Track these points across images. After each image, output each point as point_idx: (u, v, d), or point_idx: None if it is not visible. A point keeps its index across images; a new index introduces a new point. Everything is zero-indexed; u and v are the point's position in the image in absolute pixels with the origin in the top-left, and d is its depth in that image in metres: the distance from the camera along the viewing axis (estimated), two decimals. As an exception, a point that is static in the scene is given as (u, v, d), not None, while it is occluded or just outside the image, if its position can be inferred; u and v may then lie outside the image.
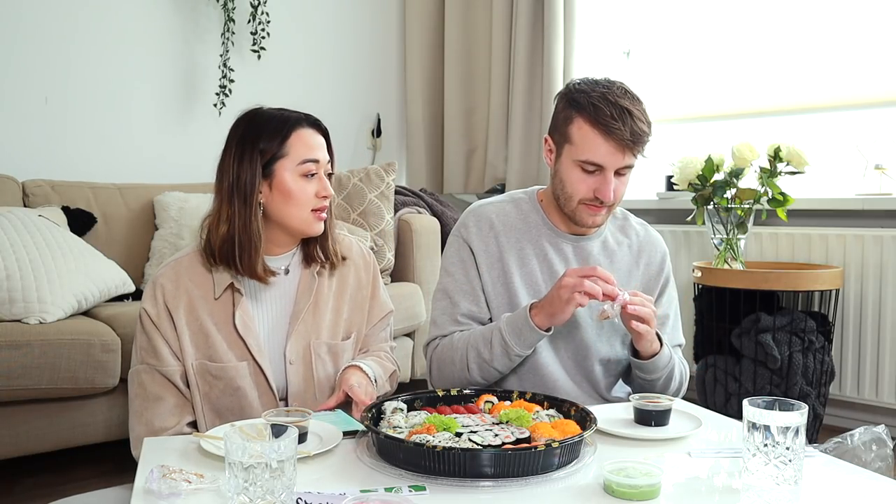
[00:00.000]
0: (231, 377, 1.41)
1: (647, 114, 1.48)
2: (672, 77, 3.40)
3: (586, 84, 1.49)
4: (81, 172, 2.98)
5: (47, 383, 2.12)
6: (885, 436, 1.98)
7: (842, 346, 2.72)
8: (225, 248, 1.40)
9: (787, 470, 0.99)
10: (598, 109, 1.43)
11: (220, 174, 1.42)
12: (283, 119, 1.43)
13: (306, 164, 1.41)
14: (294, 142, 1.41)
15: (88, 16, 3.09)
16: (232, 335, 1.42)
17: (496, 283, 1.58)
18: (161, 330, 1.40)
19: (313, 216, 1.43)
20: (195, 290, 1.42)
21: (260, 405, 1.42)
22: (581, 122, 1.46)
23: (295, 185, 1.41)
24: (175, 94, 3.33)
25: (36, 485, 2.24)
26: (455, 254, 1.61)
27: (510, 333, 1.47)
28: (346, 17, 3.84)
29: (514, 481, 1.04)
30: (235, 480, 0.91)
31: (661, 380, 1.54)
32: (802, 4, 2.95)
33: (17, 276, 2.20)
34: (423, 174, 3.91)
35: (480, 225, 1.60)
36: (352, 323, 1.55)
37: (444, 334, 1.58)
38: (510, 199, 1.65)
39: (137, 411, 1.40)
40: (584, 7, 3.40)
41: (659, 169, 3.32)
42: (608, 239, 1.63)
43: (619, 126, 1.42)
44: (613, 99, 1.44)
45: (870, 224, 2.70)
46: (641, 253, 1.64)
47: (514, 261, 1.57)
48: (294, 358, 1.46)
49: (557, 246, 1.59)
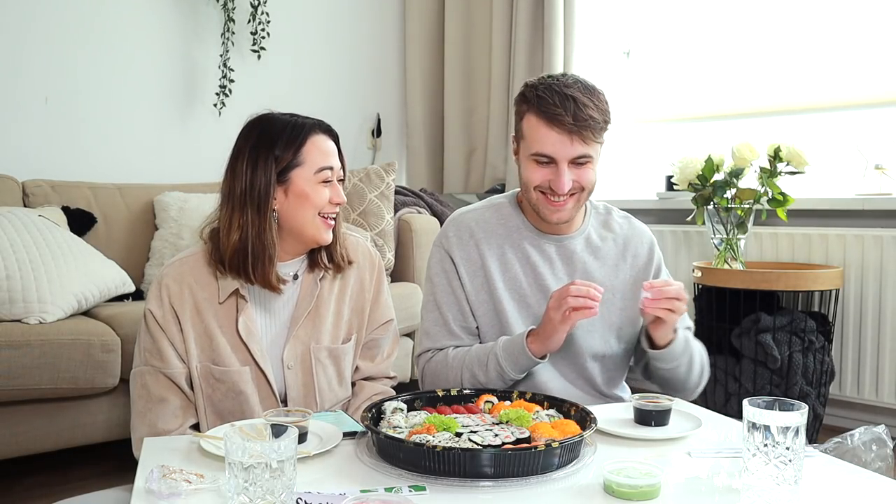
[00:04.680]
0: (234, 381, 1.40)
1: (603, 103, 1.46)
2: (672, 77, 3.40)
3: (538, 80, 1.50)
4: (81, 172, 2.98)
5: (47, 383, 2.12)
6: (885, 436, 1.98)
7: (842, 346, 2.72)
8: (237, 257, 1.37)
9: (787, 470, 0.99)
10: (541, 100, 1.44)
11: (232, 181, 1.39)
12: (298, 126, 1.40)
13: (323, 172, 1.40)
14: (310, 149, 1.39)
15: (88, 16, 3.09)
16: (235, 339, 1.41)
17: (480, 291, 1.57)
18: (167, 332, 1.39)
19: (322, 222, 1.41)
20: (200, 292, 1.41)
21: (262, 410, 1.41)
22: (529, 116, 1.47)
23: (314, 189, 1.39)
24: (175, 94, 3.33)
25: (36, 485, 2.24)
26: (438, 264, 1.61)
27: (506, 359, 1.47)
28: (346, 18, 3.84)
29: (514, 481, 1.04)
30: (235, 480, 0.91)
31: (683, 366, 1.52)
32: (802, 4, 2.95)
33: (17, 276, 2.20)
34: (423, 174, 3.91)
35: (461, 234, 1.60)
36: (352, 325, 1.54)
37: (438, 347, 1.59)
38: (490, 205, 1.64)
39: (140, 412, 1.39)
40: (584, 7, 3.40)
41: (659, 169, 3.32)
42: (591, 235, 1.61)
43: (561, 112, 1.41)
44: (559, 88, 1.44)
45: (870, 224, 2.70)
46: (627, 246, 1.63)
47: (496, 267, 1.57)
48: (292, 363, 1.44)
49: (540, 247, 1.58)
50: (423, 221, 3.11)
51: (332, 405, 1.50)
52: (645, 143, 3.54)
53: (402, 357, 2.88)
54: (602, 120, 1.45)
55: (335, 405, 1.51)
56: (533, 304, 1.56)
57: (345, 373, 1.52)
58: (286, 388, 1.45)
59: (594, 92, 1.47)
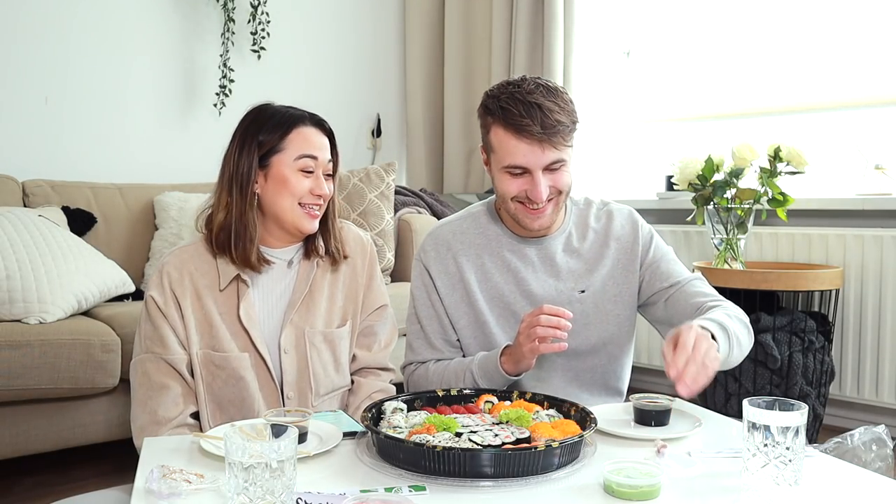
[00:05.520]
0: (234, 367, 1.42)
1: (567, 104, 1.43)
2: (672, 77, 3.40)
3: (498, 88, 1.46)
4: (81, 172, 2.98)
5: (47, 383, 2.12)
6: (885, 436, 1.98)
7: (842, 346, 2.72)
8: (222, 236, 1.43)
9: (786, 470, 0.99)
10: (506, 112, 1.41)
11: (223, 164, 1.45)
12: (287, 115, 1.45)
13: (303, 160, 1.42)
14: (294, 137, 1.43)
15: (88, 16, 3.09)
16: (236, 326, 1.43)
17: (460, 303, 1.57)
18: (168, 318, 1.41)
19: (303, 211, 1.44)
20: (201, 279, 1.44)
21: (261, 396, 1.43)
22: (496, 129, 1.45)
23: (293, 176, 1.42)
24: (175, 94, 3.33)
25: (36, 485, 2.24)
26: (417, 278, 1.62)
27: (481, 376, 1.47)
28: (346, 17, 3.84)
29: (514, 481, 1.04)
30: (235, 480, 0.91)
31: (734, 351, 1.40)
32: (802, 4, 2.95)
33: (17, 276, 2.20)
34: (423, 174, 3.91)
35: (438, 248, 1.60)
36: (346, 311, 1.56)
37: (420, 360, 1.60)
38: (468, 215, 1.63)
39: (141, 400, 1.40)
40: (584, 7, 3.40)
41: (659, 169, 3.32)
42: (572, 234, 1.60)
43: (528, 122, 1.39)
44: (521, 97, 1.41)
45: (870, 224, 2.70)
46: (609, 231, 1.60)
47: (475, 278, 1.56)
48: (288, 347, 1.47)
49: (520, 252, 1.57)
50: (423, 221, 3.11)
51: (329, 392, 1.51)
52: (645, 143, 3.54)
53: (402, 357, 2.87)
54: (570, 122, 1.43)
55: (332, 392, 1.52)
56: (518, 310, 1.55)
57: (341, 358, 1.53)
58: (283, 372, 1.46)
59: (557, 94, 1.44)
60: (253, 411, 1.42)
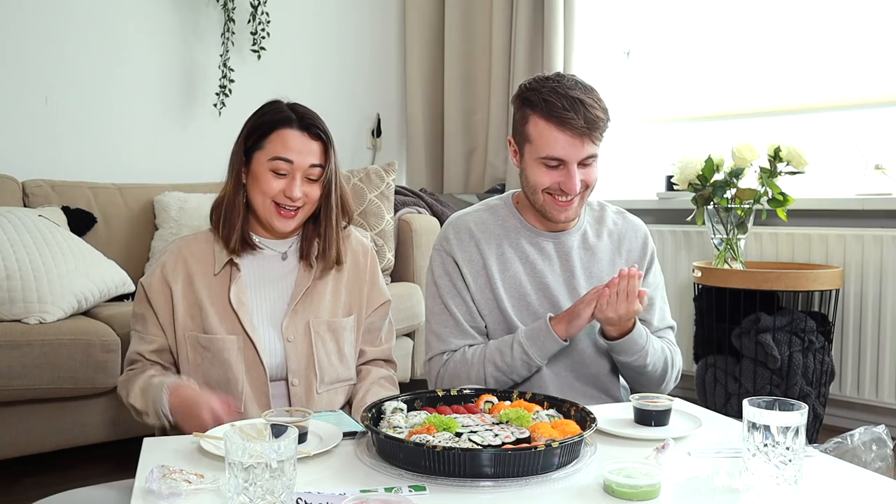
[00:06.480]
0: (219, 349, 1.46)
1: (602, 101, 1.50)
2: (672, 77, 3.40)
3: (537, 82, 1.51)
4: (81, 172, 2.98)
5: (47, 383, 2.12)
6: (885, 436, 1.98)
7: (842, 346, 2.72)
8: (215, 213, 1.52)
9: (787, 470, 0.99)
10: (549, 104, 1.46)
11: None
12: (276, 116, 1.49)
13: (275, 162, 1.46)
14: (273, 139, 1.47)
15: (88, 16, 3.09)
16: (226, 309, 1.47)
17: (483, 290, 1.59)
18: (152, 302, 1.49)
19: (275, 210, 1.48)
20: (195, 264, 1.50)
21: (247, 380, 1.47)
22: (536, 120, 1.48)
23: (263, 175, 1.47)
24: (175, 94, 3.33)
25: (36, 485, 2.24)
26: (440, 267, 1.63)
27: (531, 346, 1.50)
28: (346, 18, 3.84)
29: (514, 481, 1.04)
30: (235, 480, 0.91)
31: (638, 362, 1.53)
32: (802, 4, 2.95)
33: (17, 276, 2.20)
34: (423, 174, 3.91)
35: (461, 235, 1.62)
36: (351, 305, 1.59)
37: (452, 349, 1.59)
38: (486, 208, 1.67)
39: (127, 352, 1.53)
40: (584, 7, 3.40)
41: (659, 169, 3.32)
42: (587, 232, 1.64)
43: (572, 116, 1.44)
44: (564, 91, 1.46)
45: (870, 224, 2.70)
46: (622, 240, 1.66)
47: (496, 266, 1.59)
48: (292, 336, 1.50)
49: (538, 245, 1.61)
50: (423, 221, 3.11)
51: (333, 382, 1.54)
52: (645, 143, 3.54)
53: (401, 357, 2.88)
54: (606, 119, 1.49)
55: (336, 383, 1.55)
56: (533, 301, 1.57)
57: (345, 349, 1.56)
58: (286, 359, 1.49)
59: (593, 91, 1.50)
60: (237, 392, 1.45)
